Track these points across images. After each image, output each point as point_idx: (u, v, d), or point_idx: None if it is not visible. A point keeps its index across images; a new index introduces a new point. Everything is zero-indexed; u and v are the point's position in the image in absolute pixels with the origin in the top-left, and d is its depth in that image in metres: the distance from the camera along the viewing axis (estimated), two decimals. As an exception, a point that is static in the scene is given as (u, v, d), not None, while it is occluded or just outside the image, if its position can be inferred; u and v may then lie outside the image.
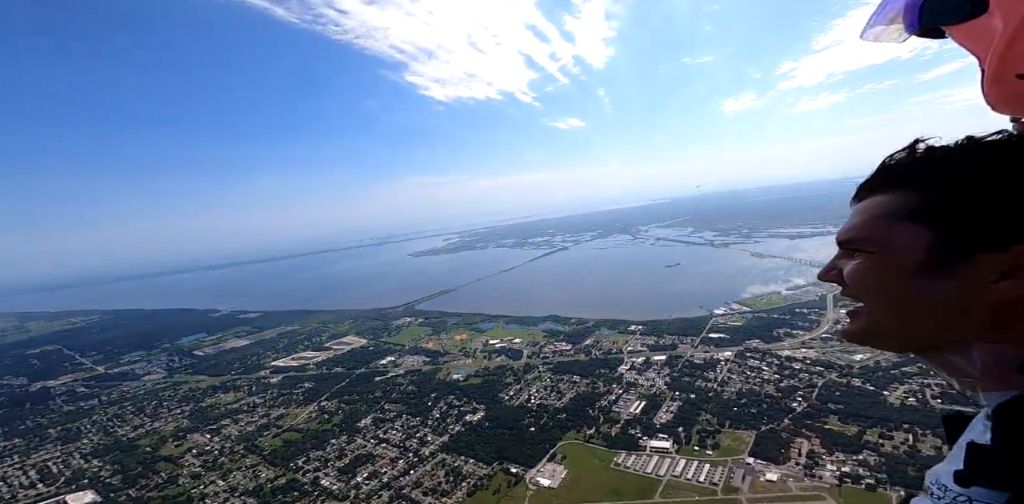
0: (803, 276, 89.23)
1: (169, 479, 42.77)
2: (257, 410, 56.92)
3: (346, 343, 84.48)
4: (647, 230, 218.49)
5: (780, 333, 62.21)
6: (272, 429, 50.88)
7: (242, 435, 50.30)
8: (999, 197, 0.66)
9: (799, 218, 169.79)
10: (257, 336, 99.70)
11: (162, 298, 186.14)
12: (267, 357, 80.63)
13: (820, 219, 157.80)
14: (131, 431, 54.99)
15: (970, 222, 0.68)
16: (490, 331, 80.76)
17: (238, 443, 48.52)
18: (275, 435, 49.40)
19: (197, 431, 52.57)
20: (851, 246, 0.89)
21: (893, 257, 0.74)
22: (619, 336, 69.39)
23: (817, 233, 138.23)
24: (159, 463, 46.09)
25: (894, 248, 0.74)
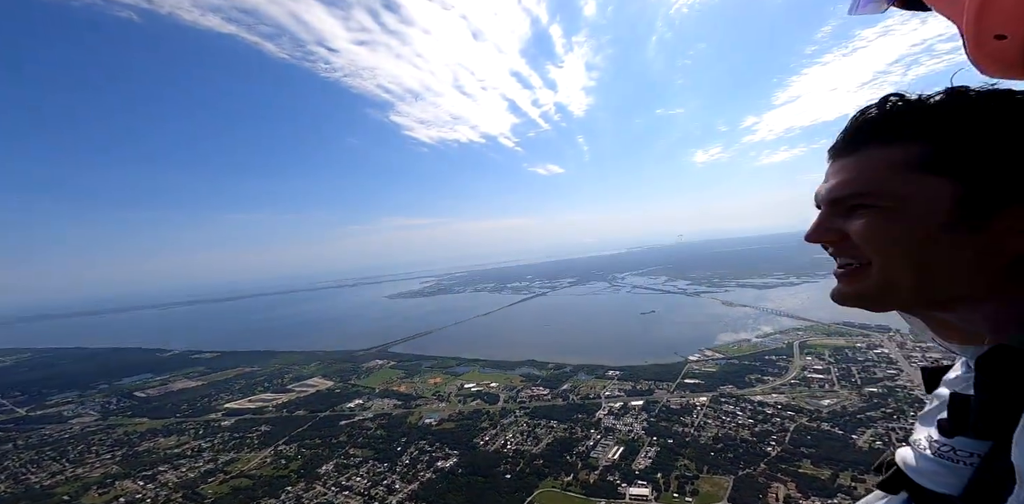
0: (771, 324, 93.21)
1: None
2: (203, 455, 51.57)
3: (311, 385, 79.55)
4: (623, 278, 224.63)
5: (752, 379, 63.71)
6: (219, 475, 45.95)
7: (182, 482, 45.12)
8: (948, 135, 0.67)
9: (764, 269, 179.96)
10: (211, 377, 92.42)
11: (110, 336, 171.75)
12: (220, 399, 74.52)
13: (783, 270, 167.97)
14: (47, 478, 48.29)
15: (997, 174, 0.66)
16: (466, 375, 78.41)
17: (176, 490, 43.43)
18: (222, 482, 44.58)
19: (128, 478, 46.86)
20: (854, 201, 0.77)
21: (914, 211, 0.69)
22: (597, 381, 68.96)
23: (781, 284, 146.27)
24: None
25: (914, 202, 0.69)
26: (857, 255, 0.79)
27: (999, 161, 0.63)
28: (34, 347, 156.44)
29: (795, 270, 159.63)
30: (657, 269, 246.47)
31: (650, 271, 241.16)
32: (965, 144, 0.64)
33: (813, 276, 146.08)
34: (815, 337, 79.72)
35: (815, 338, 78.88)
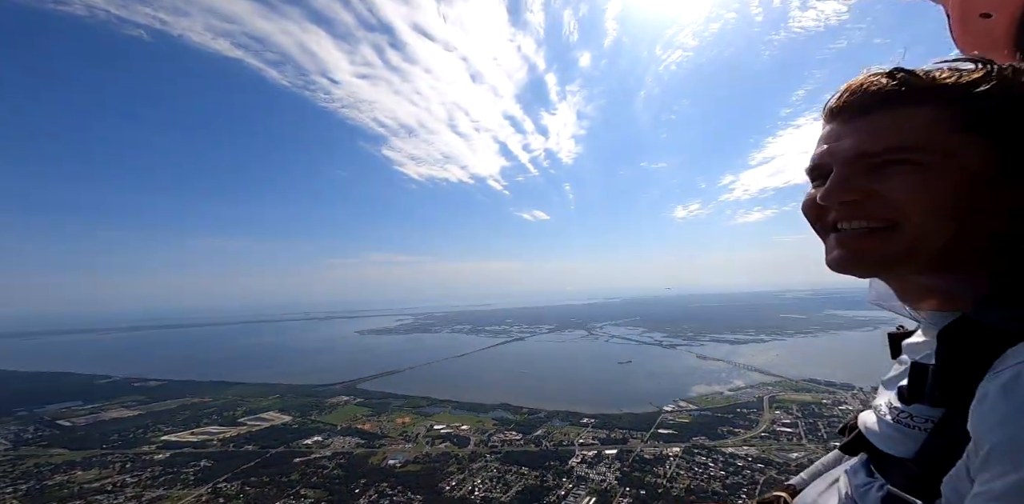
0: (742, 378, 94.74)
1: None
2: (124, 491, 46.04)
3: (265, 419, 73.93)
4: (602, 327, 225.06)
5: (724, 431, 63.87)
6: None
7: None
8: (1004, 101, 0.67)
9: (736, 325, 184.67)
10: (151, 407, 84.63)
11: (43, 359, 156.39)
12: (158, 430, 67.76)
13: (753, 327, 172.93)
14: None
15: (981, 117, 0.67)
16: (436, 416, 75.12)
17: None
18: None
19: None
20: (891, 156, 0.70)
21: (958, 167, 0.67)
22: (571, 428, 67.39)
23: (752, 340, 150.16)
24: None
25: (958, 158, 0.67)
26: (882, 215, 0.75)
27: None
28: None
29: (765, 328, 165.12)
30: (635, 320, 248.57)
31: (628, 322, 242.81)
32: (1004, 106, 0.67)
33: (782, 334, 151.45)
34: (784, 392, 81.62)
35: (783, 393, 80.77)
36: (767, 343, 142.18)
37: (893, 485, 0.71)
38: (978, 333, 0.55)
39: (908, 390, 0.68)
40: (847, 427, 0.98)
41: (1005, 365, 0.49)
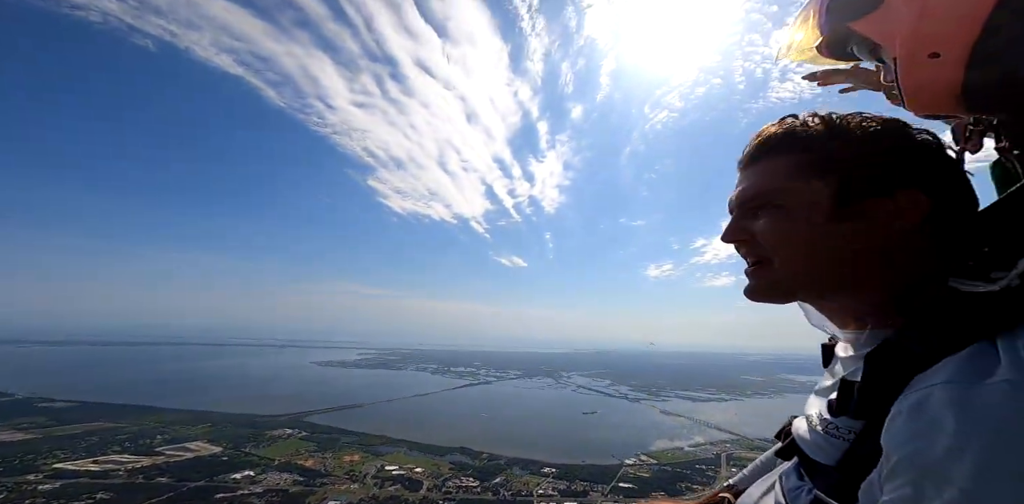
0: (703, 435, 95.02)
1: None
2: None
3: (189, 449, 66.88)
4: (569, 377, 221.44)
5: (683, 486, 63.40)
6: None
7: None
8: (884, 151, 0.79)
9: (699, 384, 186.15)
10: (51, 430, 74.48)
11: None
12: (52, 457, 59.28)
13: (715, 386, 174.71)
14: None
15: (862, 173, 0.79)
16: (389, 455, 70.78)
17: None
18: None
19: None
20: (757, 202, 0.89)
21: (804, 208, 0.81)
22: (531, 477, 64.97)
23: (713, 399, 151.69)
24: None
25: (801, 199, 0.81)
26: (763, 252, 0.91)
27: (861, 163, 0.79)
28: None
29: (726, 388, 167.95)
30: (602, 372, 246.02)
31: (595, 373, 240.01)
32: (836, 151, 0.80)
33: (741, 395, 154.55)
34: (740, 450, 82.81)
35: (740, 451, 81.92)
36: (727, 402, 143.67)
37: (819, 490, 0.79)
38: (898, 356, 0.62)
39: (836, 403, 0.75)
40: (783, 432, 1.05)
41: (916, 388, 0.55)
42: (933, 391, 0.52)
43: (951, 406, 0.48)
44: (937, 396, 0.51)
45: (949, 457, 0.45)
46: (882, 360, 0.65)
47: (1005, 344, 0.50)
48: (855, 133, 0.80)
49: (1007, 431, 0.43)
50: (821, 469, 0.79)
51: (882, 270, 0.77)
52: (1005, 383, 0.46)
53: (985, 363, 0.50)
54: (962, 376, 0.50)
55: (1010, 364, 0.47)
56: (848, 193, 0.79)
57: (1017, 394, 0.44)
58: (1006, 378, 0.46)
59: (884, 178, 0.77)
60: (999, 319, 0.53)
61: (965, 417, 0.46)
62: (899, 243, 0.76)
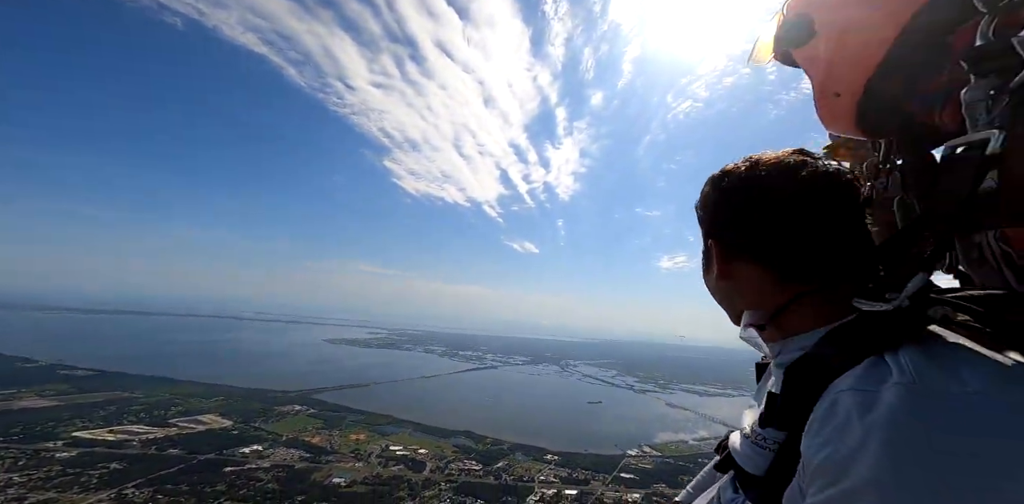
0: (707, 429, 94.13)
1: None
2: (7, 491, 40.92)
3: (201, 422, 68.71)
4: (576, 365, 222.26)
5: (684, 480, 59.41)
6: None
7: None
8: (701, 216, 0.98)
9: (706, 378, 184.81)
10: (72, 398, 77.12)
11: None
12: (71, 425, 61.36)
13: (722, 381, 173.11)
14: None
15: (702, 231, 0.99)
16: (394, 436, 71.65)
17: None
18: None
19: None
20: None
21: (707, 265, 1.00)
22: (533, 463, 65.06)
23: (720, 394, 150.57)
24: None
25: (707, 258, 0.99)
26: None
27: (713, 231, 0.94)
28: None
29: (733, 383, 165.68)
30: (609, 362, 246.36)
31: (602, 363, 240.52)
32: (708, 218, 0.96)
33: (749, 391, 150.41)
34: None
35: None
36: (734, 397, 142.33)
37: (751, 500, 0.84)
38: (811, 368, 0.70)
39: (763, 415, 0.82)
40: (720, 445, 1.10)
41: (827, 393, 0.62)
42: (839, 397, 0.59)
43: (854, 408, 0.55)
44: (842, 402, 0.58)
45: (855, 453, 0.51)
46: (797, 372, 0.72)
47: (892, 357, 0.59)
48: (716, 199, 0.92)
49: (903, 424, 0.49)
50: (752, 480, 0.84)
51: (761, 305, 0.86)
52: (898, 385, 0.54)
53: (881, 371, 0.58)
54: (862, 383, 0.58)
55: (899, 372, 0.56)
56: (712, 257, 0.94)
57: (908, 394, 0.52)
58: (897, 381, 0.54)
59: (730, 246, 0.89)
60: (890, 335, 0.62)
61: (866, 417, 0.53)
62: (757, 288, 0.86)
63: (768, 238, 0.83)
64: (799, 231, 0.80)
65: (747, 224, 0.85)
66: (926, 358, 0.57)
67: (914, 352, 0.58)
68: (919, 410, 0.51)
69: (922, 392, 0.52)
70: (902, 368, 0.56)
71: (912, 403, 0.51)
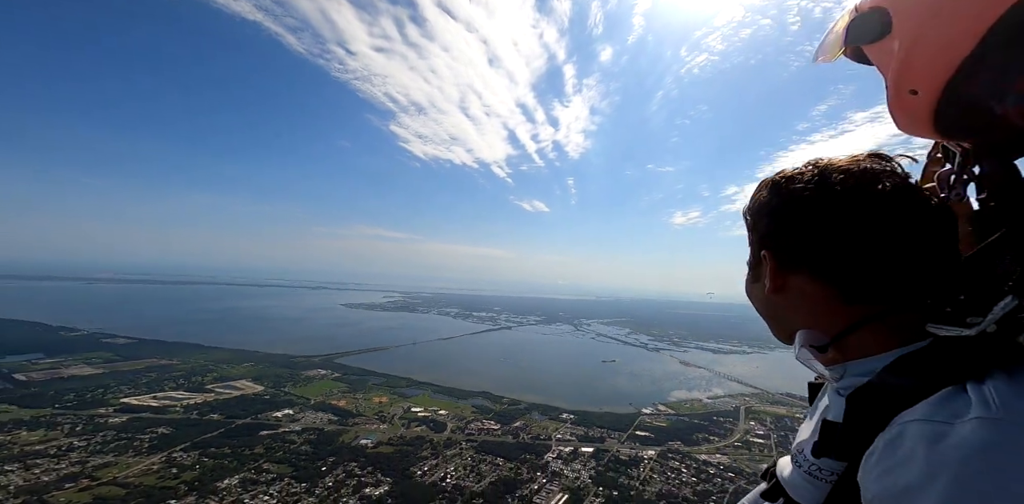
0: (722, 387, 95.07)
1: None
2: (69, 455, 43.54)
3: (235, 388, 71.78)
4: (589, 324, 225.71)
5: (699, 437, 63.74)
6: (82, 480, 38.92)
7: (28, 486, 37.70)
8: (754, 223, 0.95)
9: (721, 335, 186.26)
10: (116, 366, 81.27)
11: (8, 306, 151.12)
12: (118, 392, 64.82)
13: (738, 339, 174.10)
14: None
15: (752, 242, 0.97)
16: (415, 398, 73.97)
17: (15, 496, 36.00)
18: (83, 489, 37.73)
19: None
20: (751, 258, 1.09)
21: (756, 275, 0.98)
22: (549, 422, 66.68)
23: (735, 351, 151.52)
24: None
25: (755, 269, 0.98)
26: None
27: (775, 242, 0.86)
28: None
29: (749, 340, 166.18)
30: (622, 321, 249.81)
31: (615, 322, 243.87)
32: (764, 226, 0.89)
33: (764, 348, 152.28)
34: (760, 404, 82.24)
35: (760, 405, 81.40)
36: (749, 355, 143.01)
37: None
38: (877, 397, 0.63)
39: (819, 445, 0.76)
40: (768, 472, 1.04)
41: (893, 424, 0.57)
42: (906, 428, 0.54)
43: (923, 441, 0.50)
44: (910, 433, 0.53)
45: (919, 488, 0.47)
46: (862, 401, 0.67)
47: (974, 387, 0.52)
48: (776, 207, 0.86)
49: (975, 462, 0.44)
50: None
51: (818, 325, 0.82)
52: (976, 420, 0.48)
53: (958, 403, 0.52)
54: (935, 414, 0.53)
55: (980, 403, 0.49)
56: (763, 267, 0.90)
57: (985, 429, 0.46)
58: (977, 416, 0.48)
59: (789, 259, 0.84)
60: (972, 364, 0.56)
61: (935, 450, 0.48)
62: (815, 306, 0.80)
63: (836, 254, 0.76)
64: (873, 248, 0.72)
65: (813, 237, 0.78)
66: (1016, 390, 0.50)
67: (1002, 383, 0.52)
68: (1000, 448, 0.44)
69: (1006, 429, 0.46)
70: (985, 400, 0.50)
71: (992, 440, 0.45)
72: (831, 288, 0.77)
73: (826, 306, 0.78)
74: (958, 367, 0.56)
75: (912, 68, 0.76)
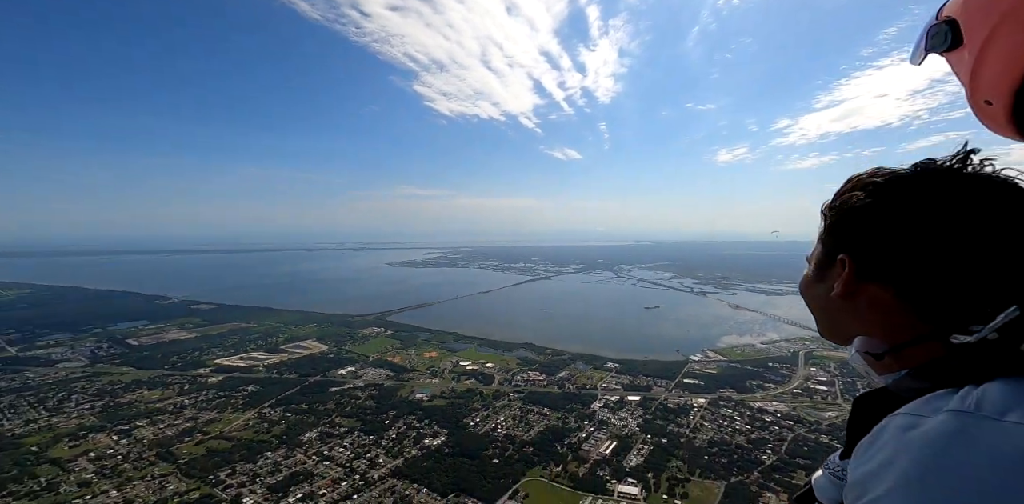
0: (778, 332, 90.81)
1: (48, 486, 36.41)
2: (183, 412, 50.69)
3: (304, 347, 78.89)
4: (630, 270, 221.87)
5: (753, 384, 61.93)
6: (197, 435, 45.24)
7: (158, 439, 44.39)
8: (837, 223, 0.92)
9: (776, 275, 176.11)
10: (205, 330, 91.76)
11: (111, 278, 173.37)
12: (211, 354, 73.64)
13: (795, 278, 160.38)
14: (21, 426, 47.33)
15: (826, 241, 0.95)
16: (462, 352, 77.45)
17: (150, 448, 42.61)
18: (199, 442, 43.86)
19: (103, 431, 46.00)
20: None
21: (820, 280, 0.99)
22: (594, 372, 67.57)
23: (791, 292, 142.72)
24: (42, 466, 39.48)
25: (822, 273, 0.99)
26: None
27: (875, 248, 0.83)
28: (35, 283, 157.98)
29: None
30: (665, 265, 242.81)
31: (657, 266, 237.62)
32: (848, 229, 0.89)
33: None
34: (822, 348, 77.53)
35: (822, 349, 76.78)
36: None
37: None
38: (882, 400, 0.69)
39: (844, 448, 0.82)
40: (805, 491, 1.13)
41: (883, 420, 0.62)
42: (891, 421, 0.59)
43: (898, 430, 0.55)
44: (892, 424, 0.58)
45: (882, 470, 0.51)
46: (867, 402, 0.73)
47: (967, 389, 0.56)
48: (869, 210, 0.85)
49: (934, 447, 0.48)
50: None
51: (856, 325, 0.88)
52: (947, 412, 0.51)
53: (943, 401, 0.56)
54: (918, 409, 0.57)
55: (958, 399, 0.53)
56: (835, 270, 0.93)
57: (952, 419, 0.50)
58: (950, 409, 0.52)
59: (871, 268, 0.84)
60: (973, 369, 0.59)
61: (904, 437, 0.52)
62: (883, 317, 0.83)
63: (936, 277, 0.71)
64: (979, 276, 0.67)
65: (913, 255, 0.74)
66: (1004, 392, 0.51)
67: (994, 385, 0.53)
68: (960, 435, 0.48)
69: (970, 419, 0.49)
70: (964, 397, 0.53)
71: (954, 428, 0.49)
72: (908, 305, 0.75)
73: (897, 318, 0.77)
74: (959, 372, 0.60)
75: (982, 79, 0.77)
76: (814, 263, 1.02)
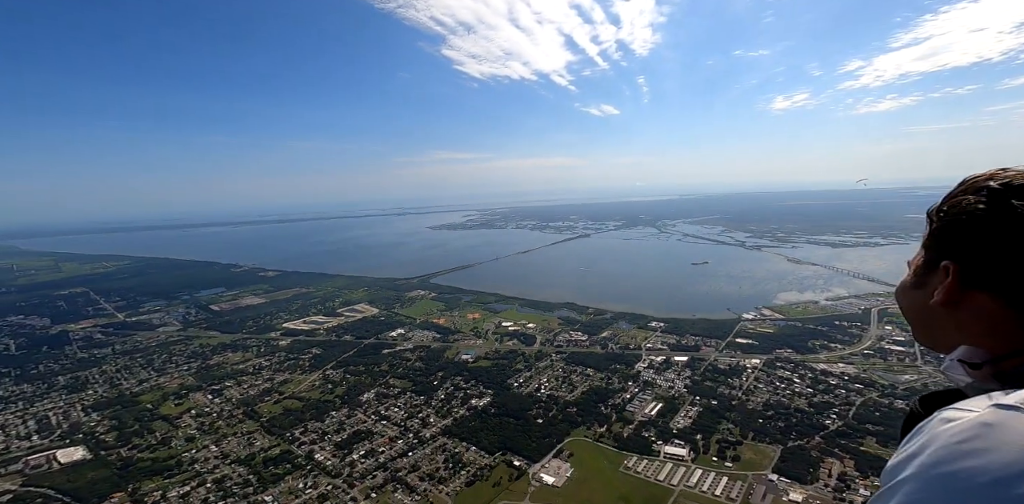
0: (845, 287, 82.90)
1: (163, 440, 42.56)
2: (262, 373, 56.60)
3: (358, 311, 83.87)
4: (674, 225, 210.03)
5: (816, 345, 57.68)
6: (274, 395, 50.51)
7: (243, 399, 50.09)
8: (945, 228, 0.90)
9: (843, 226, 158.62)
10: (273, 296, 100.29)
11: (191, 249, 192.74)
12: (280, 318, 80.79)
13: (867, 229, 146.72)
14: (136, 385, 55.32)
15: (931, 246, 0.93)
16: (504, 313, 78.58)
17: (238, 407, 48.29)
18: (276, 401, 49.00)
19: (200, 390, 52.72)
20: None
21: (920, 288, 0.97)
22: (638, 331, 66.08)
23: (863, 243, 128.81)
24: (156, 422, 46.04)
25: (922, 282, 0.98)
26: None
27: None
28: (131, 255, 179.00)
29: (882, 229, 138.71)
30: (712, 218, 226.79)
31: (704, 220, 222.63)
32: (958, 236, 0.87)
33: (904, 237, 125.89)
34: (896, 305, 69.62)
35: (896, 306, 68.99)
36: (882, 247, 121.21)
37: None
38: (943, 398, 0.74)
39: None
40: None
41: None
42: (939, 413, 0.62)
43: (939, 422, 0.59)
44: (939, 417, 0.61)
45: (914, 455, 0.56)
46: (928, 401, 0.81)
47: None
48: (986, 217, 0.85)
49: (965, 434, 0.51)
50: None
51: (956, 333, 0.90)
52: (992, 406, 0.54)
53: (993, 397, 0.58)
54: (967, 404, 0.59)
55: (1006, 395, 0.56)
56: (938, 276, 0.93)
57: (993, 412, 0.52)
58: (996, 403, 0.55)
59: (979, 277, 0.85)
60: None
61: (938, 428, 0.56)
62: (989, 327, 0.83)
63: None
64: None
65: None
66: None
67: None
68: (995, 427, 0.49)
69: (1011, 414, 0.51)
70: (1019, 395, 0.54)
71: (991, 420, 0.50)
72: (1018, 314, 0.74)
73: (1004, 328, 0.76)
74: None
75: None
76: (913, 268, 0.99)
